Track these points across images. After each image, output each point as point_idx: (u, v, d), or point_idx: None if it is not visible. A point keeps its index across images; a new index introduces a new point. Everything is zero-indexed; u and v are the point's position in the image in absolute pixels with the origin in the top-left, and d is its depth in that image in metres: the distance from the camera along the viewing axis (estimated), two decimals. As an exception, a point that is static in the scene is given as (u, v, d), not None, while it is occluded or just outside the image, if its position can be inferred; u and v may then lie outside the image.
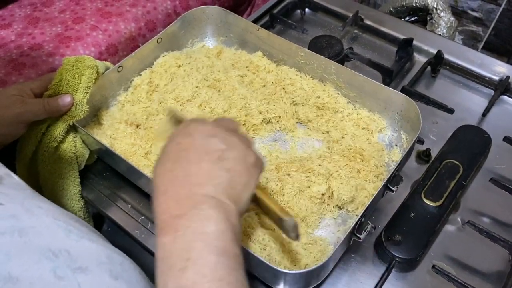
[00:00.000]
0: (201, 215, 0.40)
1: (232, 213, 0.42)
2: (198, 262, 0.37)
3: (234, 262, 0.39)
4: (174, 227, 0.40)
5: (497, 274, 0.64)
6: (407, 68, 0.92)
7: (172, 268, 0.38)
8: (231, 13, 0.85)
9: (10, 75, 0.77)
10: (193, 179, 0.42)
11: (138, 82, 0.79)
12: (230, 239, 0.40)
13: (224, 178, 0.43)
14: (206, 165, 0.43)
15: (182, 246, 0.38)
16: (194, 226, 0.39)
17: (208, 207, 0.40)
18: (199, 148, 0.44)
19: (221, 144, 0.45)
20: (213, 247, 0.38)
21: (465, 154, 0.73)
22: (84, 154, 0.72)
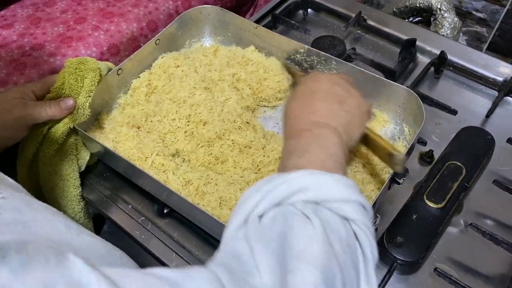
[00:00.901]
0: (322, 132, 0.49)
1: (344, 141, 0.50)
2: (312, 156, 0.46)
3: (339, 165, 0.46)
4: (299, 134, 0.49)
5: (500, 277, 0.63)
6: (410, 69, 0.91)
7: (292, 155, 0.47)
8: (228, 12, 0.85)
9: (12, 75, 0.77)
10: (318, 113, 0.51)
11: (137, 84, 0.79)
12: (339, 154, 0.47)
13: (343, 117, 0.51)
14: (329, 105, 0.52)
15: (302, 145, 0.48)
16: (315, 136, 0.48)
17: (328, 130, 0.49)
18: (324, 92, 0.54)
19: (343, 91, 0.54)
20: (326, 152, 0.47)
21: (468, 155, 0.72)
22: (85, 156, 0.72)
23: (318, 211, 0.39)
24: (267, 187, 0.41)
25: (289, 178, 0.41)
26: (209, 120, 0.73)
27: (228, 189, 0.65)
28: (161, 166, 0.69)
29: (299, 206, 0.40)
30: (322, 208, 0.40)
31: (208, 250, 0.66)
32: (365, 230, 0.40)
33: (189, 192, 0.65)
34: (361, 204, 0.42)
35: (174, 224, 0.69)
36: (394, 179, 0.63)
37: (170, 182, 0.66)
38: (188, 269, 0.34)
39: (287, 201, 0.40)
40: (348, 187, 0.42)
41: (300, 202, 0.40)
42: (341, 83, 0.55)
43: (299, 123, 0.50)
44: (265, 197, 0.40)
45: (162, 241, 0.67)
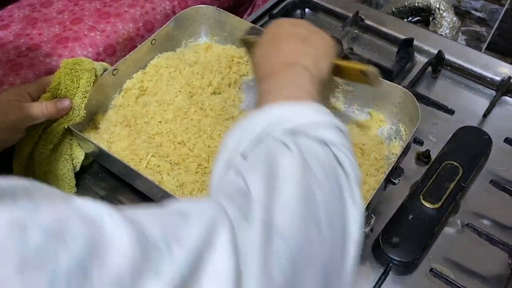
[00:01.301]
0: (294, 71, 0.50)
1: (315, 76, 0.51)
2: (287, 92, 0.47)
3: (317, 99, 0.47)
4: (272, 76, 0.50)
5: (497, 277, 0.63)
6: (408, 69, 0.91)
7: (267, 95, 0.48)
8: (224, 12, 0.84)
9: (8, 76, 0.77)
10: (285, 53, 0.53)
11: (130, 85, 0.78)
12: (313, 89, 0.49)
13: (310, 53, 0.53)
14: (295, 44, 0.53)
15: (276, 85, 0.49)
16: (287, 75, 0.50)
17: (299, 68, 0.50)
18: (287, 33, 0.55)
19: (305, 30, 0.56)
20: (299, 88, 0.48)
21: (465, 155, 0.72)
22: (79, 156, 0.71)
23: (297, 139, 0.40)
24: (244, 124, 0.43)
25: (265, 111, 0.43)
26: (189, 127, 0.73)
27: None
28: (157, 167, 0.69)
29: (278, 137, 0.41)
30: (300, 136, 0.41)
31: (203, 251, 0.65)
32: (343, 150, 0.42)
33: (182, 194, 0.65)
34: (337, 127, 0.43)
35: (169, 224, 0.68)
36: (389, 179, 0.63)
37: (164, 183, 0.66)
38: (196, 200, 0.38)
39: (265, 133, 0.42)
40: (323, 113, 0.44)
41: (279, 132, 0.41)
42: (302, 23, 0.58)
43: (268, 67, 0.52)
44: (244, 133, 0.42)
45: (157, 242, 0.67)
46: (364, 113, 0.77)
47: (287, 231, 0.34)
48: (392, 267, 0.62)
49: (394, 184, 0.63)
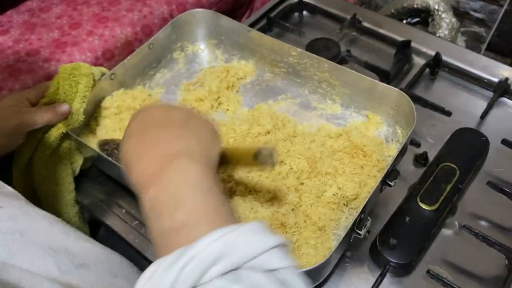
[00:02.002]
0: (179, 166, 0.40)
1: (206, 165, 0.42)
2: (188, 202, 0.38)
3: (220, 199, 0.39)
4: (155, 181, 0.40)
5: (494, 279, 0.63)
6: (406, 71, 0.91)
7: (163, 213, 0.38)
8: (222, 16, 0.85)
9: (7, 81, 0.78)
10: (163, 143, 0.43)
11: (107, 104, 0.76)
12: (211, 182, 0.40)
13: (192, 138, 0.44)
14: (173, 130, 0.44)
15: (169, 193, 0.39)
16: (176, 175, 0.40)
17: (184, 160, 0.41)
18: (162, 120, 0.46)
19: (181, 114, 0.47)
20: (198, 188, 0.39)
21: (462, 157, 0.72)
22: (78, 160, 0.72)
23: (239, 279, 0.33)
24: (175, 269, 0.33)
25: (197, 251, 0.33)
26: None
27: (237, 210, 0.65)
28: None
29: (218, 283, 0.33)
30: (242, 272, 0.34)
31: (201, 254, 0.66)
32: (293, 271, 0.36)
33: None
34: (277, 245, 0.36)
35: (167, 228, 0.69)
36: (385, 182, 0.63)
37: None
38: None
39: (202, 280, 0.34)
40: (256, 234, 0.36)
41: (218, 277, 0.34)
42: (175, 107, 0.50)
43: (146, 166, 0.42)
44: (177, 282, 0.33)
45: (155, 245, 0.67)
46: (361, 115, 0.77)
47: None
48: (390, 269, 0.62)
49: (390, 186, 0.63)
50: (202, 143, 0.45)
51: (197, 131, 0.46)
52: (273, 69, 0.84)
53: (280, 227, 0.63)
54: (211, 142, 0.47)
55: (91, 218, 0.77)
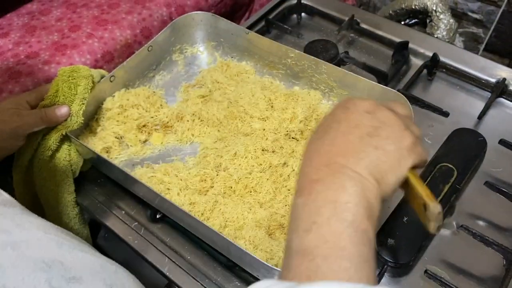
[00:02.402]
0: (337, 183, 0.38)
1: (371, 191, 0.38)
2: (323, 228, 0.36)
3: (361, 237, 0.36)
4: (308, 190, 0.39)
5: (491, 279, 0.63)
6: (403, 71, 0.91)
7: (298, 228, 0.37)
8: (220, 18, 0.85)
9: (7, 84, 0.78)
10: (336, 149, 0.40)
11: (109, 105, 0.77)
12: (361, 214, 0.37)
13: (370, 154, 0.39)
14: (353, 138, 0.40)
15: (311, 209, 0.37)
16: (327, 192, 0.38)
17: (345, 178, 0.38)
18: (351, 121, 0.42)
19: (375, 120, 0.42)
20: (341, 217, 0.36)
21: (460, 157, 0.72)
22: (78, 162, 0.72)
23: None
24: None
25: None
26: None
27: (235, 210, 0.65)
28: (161, 183, 0.69)
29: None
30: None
31: (200, 255, 0.66)
32: None
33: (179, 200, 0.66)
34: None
35: (167, 229, 0.69)
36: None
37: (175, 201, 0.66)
38: None
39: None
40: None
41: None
42: (376, 110, 0.43)
43: (310, 168, 0.40)
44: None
45: (155, 246, 0.67)
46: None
47: None
48: (387, 269, 0.63)
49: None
50: (380, 163, 0.39)
51: (381, 146, 0.40)
52: (272, 71, 0.85)
53: (279, 228, 0.63)
54: (394, 163, 0.40)
55: (91, 219, 0.77)
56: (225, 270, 0.64)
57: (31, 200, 0.73)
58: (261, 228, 0.62)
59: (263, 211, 0.64)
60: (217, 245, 0.62)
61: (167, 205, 0.63)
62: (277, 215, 0.64)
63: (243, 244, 0.61)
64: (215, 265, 0.65)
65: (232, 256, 0.61)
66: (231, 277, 0.64)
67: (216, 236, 0.58)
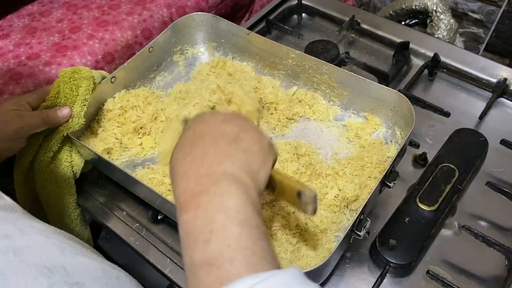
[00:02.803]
0: (221, 190, 0.40)
1: (251, 189, 0.41)
2: (221, 234, 0.37)
3: (257, 233, 0.38)
4: (194, 204, 0.39)
5: (494, 279, 0.63)
6: (404, 72, 0.91)
7: (196, 241, 0.37)
8: (221, 19, 0.85)
9: (8, 85, 0.78)
10: (211, 159, 0.42)
11: (110, 107, 0.77)
12: (251, 211, 0.39)
13: (241, 156, 0.43)
14: (223, 146, 0.43)
15: (204, 220, 0.38)
16: (215, 201, 0.39)
17: (227, 183, 0.40)
18: (214, 132, 0.45)
19: (236, 127, 0.45)
20: (235, 219, 0.38)
21: (461, 157, 0.72)
22: (79, 163, 0.72)
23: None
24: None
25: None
26: None
27: None
28: (161, 184, 0.69)
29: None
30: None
31: (201, 256, 0.66)
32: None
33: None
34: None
35: (168, 230, 0.69)
36: (385, 183, 0.63)
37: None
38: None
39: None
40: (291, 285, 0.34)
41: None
42: (232, 119, 0.47)
43: (189, 183, 0.41)
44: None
45: (156, 247, 0.67)
46: (360, 117, 0.77)
47: None
48: (389, 270, 0.63)
49: (389, 187, 0.63)
50: (251, 163, 0.43)
51: (248, 148, 0.44)
52: (272, 72, 0.85)
53: (281, 229, 0.63)
54: (262, 161, 0.45)
55: (92, 220, 0.77)
56: (227, 271, 0.64)
57: (32, 201, 0.73)
58: None
59: (265, 212, 0.64)
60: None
61: (168, 206, 0.63)
62: (278, 216, 0.64)
63: None
64: (216, 266, 0.65)
65: (234, 257, 0.61)
66: (232, 278, 0.63)
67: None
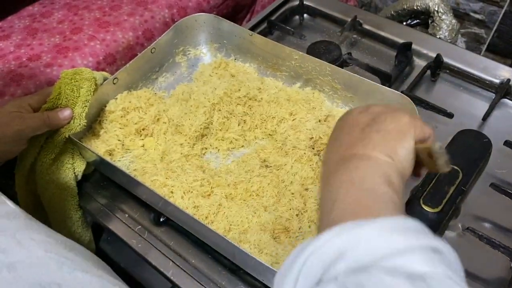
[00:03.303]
0: (348, 167, 0.41)
1: (384, 164, 0.40)
2: (342, 202, 0.38)
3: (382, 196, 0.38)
4: (326, 183, 0.42)
5: (498, 281, 0.63)
6: (407, 73, 0.91)
7: (323, 213, 0.40)
8: (224, 20, 0.85)
9: (9, 86, 0.78)
10: (344, 147, 0.44)
11: (112, 108, 0.76)
12: (378, 182, 0.39)
13: (374, 137, 0.43)
14: (356, 133, 0.44)
15: (330, 194, 0.40)
16: (341, 177, 0.40)
17: (356, 161, 0.41)
18: (350, 123, 0.46)
19: (370, 115, 0.46)
20: (357, 187, 0.39)
21: (465, 159, 0.72)
22: (81, 165, 0.72)
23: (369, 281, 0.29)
24: (297, 264, 0.33)
25: (317, 246, 0.33)
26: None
27: (239, 213, 0.65)
28: (164, 186, 0.69)
29: (343, 284, 0.30)
30: (375, 273, 0.30)
31: (204, 259, 0.66)
32: (445, 281, 0.30)
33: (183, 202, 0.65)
34: (430, 248, 0.32)
35: (170, 232, 0.69)
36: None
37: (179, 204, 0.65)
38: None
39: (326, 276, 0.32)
40: (401, 231, 0.32)
41: (343, 275, 0.31)
42: (369, 108, 0.47)
43: (327, 169, 0.44)
44: (297, 282, 0.32)
45: (158, 250, 0.67)
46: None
47: None
48: (393, 272, 0.62)
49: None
50: (386, 142, 0.42)
51: (382, 129, 0.43)
52: (275, 73, 0.84)
53: (284, 231, 0.63)
54: (398, 138, 0.42)
55: (94, 222, 0.77)
56: (230, 274, 0.64)
57: (34, 203, 0.73)
58: (266, 232, 0.62)
59: (268, 215, 0.64)
60: (222, 249, 0.62)
61: (171, 208, 0.63)
62: (282, 218, 0.64)
63: (247, 248, 0.60)
64: (219, 268, 0.64)
65: (237, 260, 0.61)
66: (236, 281, 0.63)
67: (220, 240, 0.57)
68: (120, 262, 0.76)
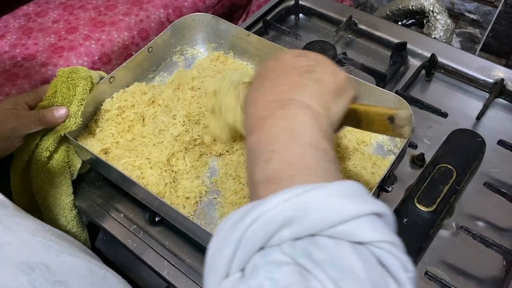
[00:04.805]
0: (287, 114, 0.39)
1: (321, 116, 0.39)
2: (283, 153, 0.36)
3: (323, 155, 0.36)
4: (259, 127, 0.39)
5: (492, 279, 0.63)
6: (402, 72, 0.91)
7: (258, 159, 0.37)
8: (221, 20, 0.85)
9: (4, 86, 0.78)
10: (280, 88, 0.41)
11: (108, 107, 0.76)
12: (318, 136, 0.37)
13: (313, 86, 0.41)
14: (293, 76, 0.42)
15: (267, 141, 0.38)
16: (280, 122, 0.38)
17: (295, 107, 0.39)
18: (286, 65, 0.44)
19: (309, 61, 0.44)
20: (299, 140, 0.37)
21: (459, 158, 0.72)
22: (76, 164, 0.72)
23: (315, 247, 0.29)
24: (239, 230, 0.30)
25: (263, 211, 0.30)
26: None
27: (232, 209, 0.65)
28: (161, 179, 0.69)
29: (287, 250, 0.30)
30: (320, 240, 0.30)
31: (199, 258, 0.66)
32: (389, 248, 0.30)
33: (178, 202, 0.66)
34: (374, 213, 0.31)
35: (166, 232, 0.69)
36: (382, 187, 0.63)
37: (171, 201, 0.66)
38: None
39: (270, 243, 0.31)
40: (347, 196, 0.31)
41: (287, 242, 0.30)
42: (307, 53, 0.46)
43: (258, 110, 0.40)
44: (237, 249, 0.30)
45: (154, 249, 0.67)
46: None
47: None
48: (388, 271, 0.63)
49: (387, 191, 0.63)
50: (323, 94, 0.41)
51: (321, 79, 0.42)
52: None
53: None
54: (335, 94, 0.42)
55: (89, 222, 0.77)
56: (225, 273, 0.64)
57: (29, 202, 0.73)
58: None
59: None
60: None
61: (166, 208, 0.63)
62: None
63: None
64: (214, 267, 0.64)
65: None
66: (231, 280, 0.63)
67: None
68: (115, 262, 0.76)
